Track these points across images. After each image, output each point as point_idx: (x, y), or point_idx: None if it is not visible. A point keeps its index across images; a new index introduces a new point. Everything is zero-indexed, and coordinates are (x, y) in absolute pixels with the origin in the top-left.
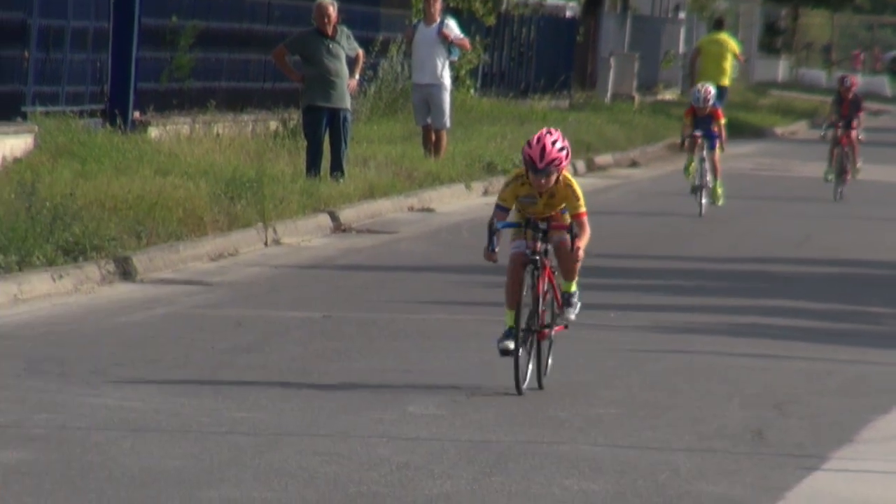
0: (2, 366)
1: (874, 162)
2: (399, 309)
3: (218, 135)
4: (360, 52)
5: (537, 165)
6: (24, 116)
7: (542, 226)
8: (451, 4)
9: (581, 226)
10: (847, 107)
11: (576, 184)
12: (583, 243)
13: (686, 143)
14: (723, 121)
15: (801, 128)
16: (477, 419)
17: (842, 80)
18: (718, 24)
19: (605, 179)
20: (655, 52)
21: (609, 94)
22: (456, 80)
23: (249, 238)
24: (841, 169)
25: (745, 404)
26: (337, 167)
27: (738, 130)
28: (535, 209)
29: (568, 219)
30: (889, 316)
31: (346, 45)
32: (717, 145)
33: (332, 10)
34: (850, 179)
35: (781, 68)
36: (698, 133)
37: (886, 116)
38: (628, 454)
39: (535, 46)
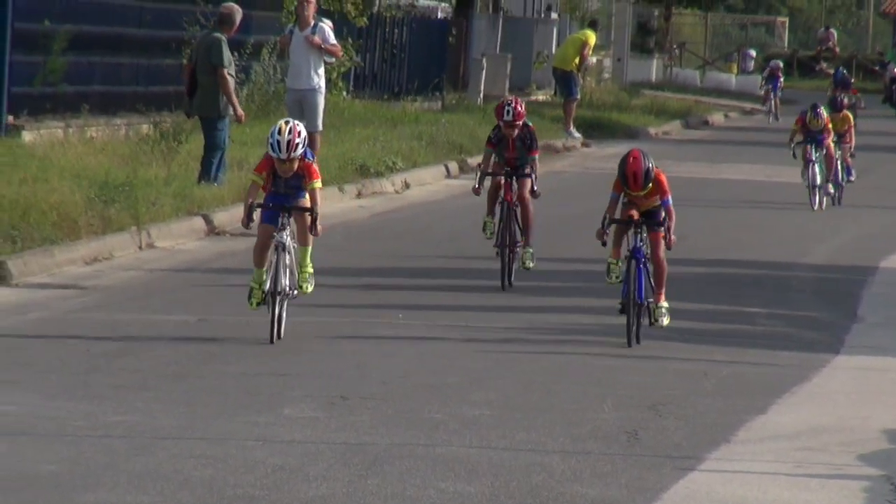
0: None
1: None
2: None
3: (91, 138)
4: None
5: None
6: None
7: None
8: (323, 6)
9: None
10: (513, 147)
11: None
12: None
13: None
14: (317, 183)
15: (674, 128)
16: (352, 421)
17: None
18: (591, 24)
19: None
20: (528, 52)
21: (481, 96)
22: (329, 82)
23: (124, 242)
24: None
25: (619, 405)
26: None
27: (611, 131)
28: None
29: None
30: (764, 316)
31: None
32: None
33: (239, 18)
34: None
35: (654, 68)
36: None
37: (760, 115)
38: (503, 456)
39: (408, 48)
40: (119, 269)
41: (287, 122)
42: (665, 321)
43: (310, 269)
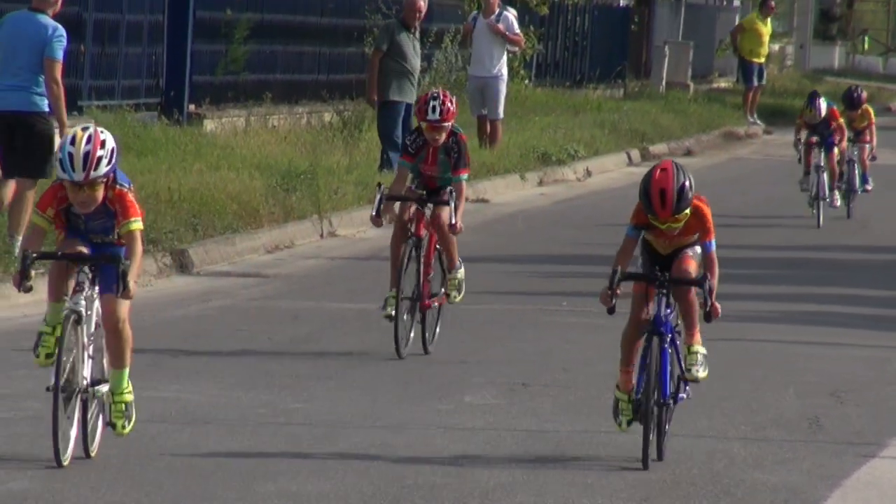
0: None
1: None
2: None
3: (273, 127)
4: None
5: None
6: (81, 110)
7: None
8: None
9: None
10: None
11: None
12: None
13: None
14: (136, 223)
15: None
16: (533, 408)
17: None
18: (760, 7)
19: None
20: (710, 40)
21: (663, 83)
22: (510, 70)
23: (305, 230)
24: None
25: (801, 392)
26: None
27: (794, 118)
28: None
29: None
30: None
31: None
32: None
33: (423, 5)
34: None
35: (837, 55)
36: None
37: None
38: (684, 443)
39: (590, 36)
40: (300, 258)
41: (85, 129)
42: (701, 373)
43: (127, 398)
